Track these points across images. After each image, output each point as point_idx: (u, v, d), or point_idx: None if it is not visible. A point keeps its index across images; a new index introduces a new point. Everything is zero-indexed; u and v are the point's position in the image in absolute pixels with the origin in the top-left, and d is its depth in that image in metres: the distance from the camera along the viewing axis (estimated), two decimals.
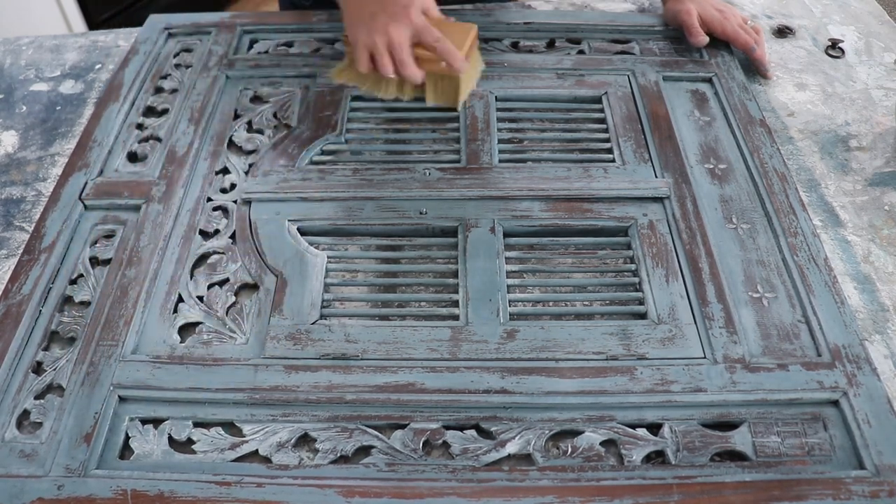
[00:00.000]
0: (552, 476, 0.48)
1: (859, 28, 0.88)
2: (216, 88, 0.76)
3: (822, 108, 0.77)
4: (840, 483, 0.47)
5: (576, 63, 0.79)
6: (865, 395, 0.51)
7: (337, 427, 0.51)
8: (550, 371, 0.53)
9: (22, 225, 0.67)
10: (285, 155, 0.70)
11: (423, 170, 0.67)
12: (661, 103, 0.74)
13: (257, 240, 0.62)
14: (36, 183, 0.71)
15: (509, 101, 0.76)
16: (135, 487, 0.47)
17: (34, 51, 0.87)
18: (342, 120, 0.73)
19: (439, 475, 0.48)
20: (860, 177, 0.70)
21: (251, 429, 0.51)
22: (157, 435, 0.51)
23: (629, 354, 0.54)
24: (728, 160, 0.69)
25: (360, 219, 0.64)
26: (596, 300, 0.60)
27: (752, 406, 0.52)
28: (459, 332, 0.55)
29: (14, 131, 0.77)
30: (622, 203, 0.65)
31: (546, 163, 0.69)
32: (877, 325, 0.58)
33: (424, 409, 0.51)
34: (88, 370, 0.53)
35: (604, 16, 0.87)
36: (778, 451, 0.49)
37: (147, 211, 0.64)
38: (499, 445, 0.50)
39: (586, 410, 0.51)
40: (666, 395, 0.51)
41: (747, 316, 0.57)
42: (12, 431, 0.51)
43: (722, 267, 0.59)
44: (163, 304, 0.58)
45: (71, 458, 0.48)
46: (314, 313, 0.57)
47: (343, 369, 0.53)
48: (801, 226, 0.62)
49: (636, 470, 0.48)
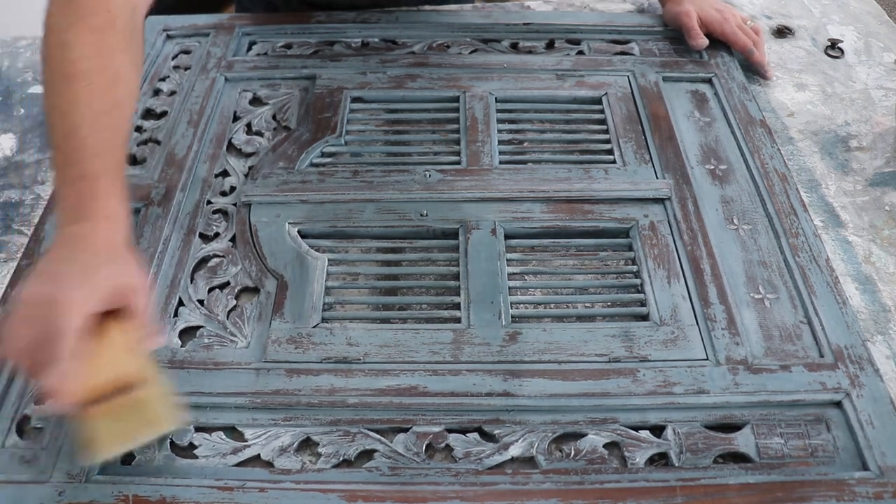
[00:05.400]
0: (555, 479, 0.48)
1: (858, 28, 0.88)
2: (215, 90, 0.76)
3: (821, 108, 0.77)
4: (843, 484, 0.47)
5: (575, 64, 0.79)
6: (868, 396, 0.51)
7: (339, 431, 0.51)
8: (553, 373, 0.53)
9: (21, 228, 0.66)
10: (285, 157, 0.69)
11: (424, 172, 0.67)
12: (661, 104, 0.74)
13: (257, 243, 0.62)
14: (34, 186, 0.71)
15: (509, 103, 0.75)
16: (136, 493, 0.47)
17: (32, 53, 0.87)
18: (342, 122, 0.73)
19: (442, 479, 0.48)
20: (860, 177, 0.70)
21: (253, 433, 0.51)
22: (158, 440, 0.50)
23: (631, 356, 0.54)
24: (728, 161, 0.69)
25: (360, 221, 0.64)
26: (598, 302, 0.59)
27: (754, 407, 0.52)
28: (461, 335, 0.55)
29: (12, 134, 0.76)
30: (623, 204, 0.65)
31: (546, 164, 0.69)
32: (878, 326, 0.58)
33: (427, 413, 0.51)
34: None
35: (603, 16, 0.87)
36: (781, 453, 0.49)
37: (146, 214, 0.64)
38: (502, 448, 0.50)
39: (589, 413, 0.51)
40: (669, 397, 0.51)
41: (749, 317, 0.56)
42: (13, 437, 0.50)
43: (723, 268, 0.59)
44: (163, 308, 0.57)
45: (72, 463, 0.48)
46: (315, 316, 0.57)
47: (345, 373, 0.53)
48: (802, 226, 0.62)
49: (639, 472, 0.48)
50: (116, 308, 0.47)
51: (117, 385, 0.46)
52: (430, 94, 0.76)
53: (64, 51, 0.50)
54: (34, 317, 0.45)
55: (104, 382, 0.45)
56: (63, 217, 0.49)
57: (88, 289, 0.45)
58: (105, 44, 0.51)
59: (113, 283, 0.46)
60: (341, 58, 0.80)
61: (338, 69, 0.78)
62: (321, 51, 0.82)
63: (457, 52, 0.81)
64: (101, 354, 0.46)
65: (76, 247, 0.48)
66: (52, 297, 0.44)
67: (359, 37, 0.83)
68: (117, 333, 0.47)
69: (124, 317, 0.48)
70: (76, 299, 0.44)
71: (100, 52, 0.51)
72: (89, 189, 0.49)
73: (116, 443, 0.46)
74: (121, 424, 0.46)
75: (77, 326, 0.44)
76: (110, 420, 0.46)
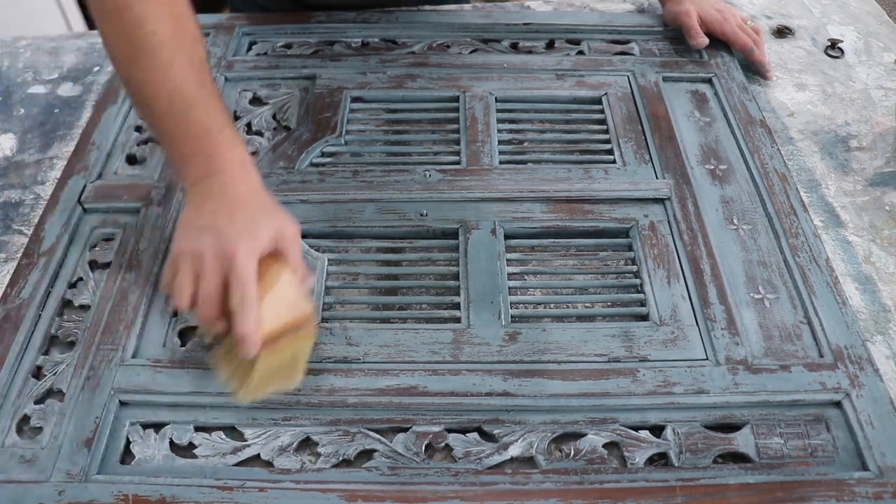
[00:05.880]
0: (555, 479, 0.48)
1: (858, 28, 0.88)
2: None
3: (821, 108, 0.77)
4: (843, 484, 0.47)
5: (575, 64, 0.79)
6: (868, 396, 0.51)
7: (339, 431, 0.51)
8: (552, 373, 0.53)
9: (21, 228, 0.66)
10: (285, 157, 0.69)
11: (424, 171, 0.67)
12: (661, 104, 0.74)
13: None
14: (34, 186, 0.71)
15: (509, 103, 0.75)
16: (136, 492, 0.47)
17: (32, 53, 0.87)
18: (342, 122, 0.73)
19: (442, 478, 0.48)
20: (860, 177, 0.70)
21: (253, 433, 0.51)
22: (158, 439, 0.50)
23: (631, 356, 0.54)
24: (728, 161, 0.69)
25: (360, 221, 0.64)
26: (597, 302, 0.59)
27: (754, 407, 0.52)
28: (461, 335, 0.55)
29: (12, 134, 0.76)
30: (623, 204, 0.65)
31: (546, 164, 0.69)
32: (878, 326, 0.58)
33: (427, 413, 0.51)
34: (89, 374, 0.53)
35: (603, 16, 0.87)
36: (781, 453, 0.49)
37: (146, 214, 0.64)
38: (501, 448, 0.50)
39: (589, 413, 0.51)
40: (668, 397, 0.51)
41: (749, 317, 0.56)
42: (12, 437, 0.50)
43: (723, 268, 0.59)
44: (163, 308, 0.57)
45: (72, 463, 0.48)
46: (315, 316, 0.57)
47: (344, 372, 0.53)
48: (802, 226, 0.62)
49: (639, 472, 0.48)
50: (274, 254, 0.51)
51: (288, 328, 0.50)
52: (430, 94, 0.76)
53: (140, 26, 0.51)
54: (208, 269, 0.49)
55: (280, 326, 0.49)
56: (194, 173, 0.53)
57: (253, 238, 0.50)
58: (174, 11, 0.53)
59: (273, 230, 0.51)
60: (341, 58, 0.80)
61: (338, 69, 0.78)
62: (321, 51, 0.82)
63: (457, 52, 0.81)
64: (272, 298, 0.49)
65: (222, 198, 0.52)
66: (223, 249, 0.49)
67: (359, 37, 0.83)
68: (283, 277, 0.50)
69: (281, 261, 0.51)
70: (247, 249, 0.49)
71: (173, 18, 0.53)
72: (216, 142, 0.53)
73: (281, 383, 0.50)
74: (287, 366, 0.50)
75: (254, 273, 0.48)
76: (280, 362, 0.50)
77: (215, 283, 0.49)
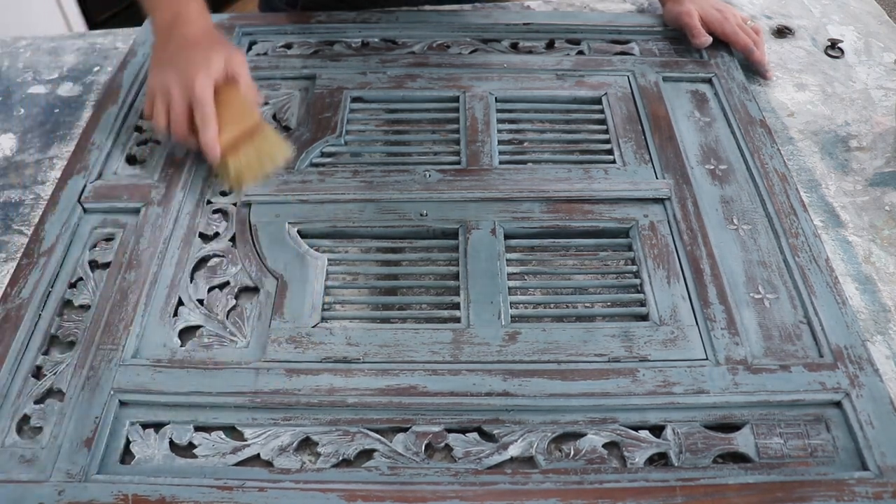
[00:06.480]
0: (555, 479, 0.48)
1: (858, 28, 0.88)
2: None
3: (821, 108, 0.77)
4: (843, 485, 0.47)
5: (575, 64, 0.79)
6: (868, 396, 0.51)
7: (339, 430, 0.51)
8: (552, 373, 0.53)
9: (21, 228, 0.67)
10: None
11: (424, 171, 0.67)
12: (661, 104, 0.74)
13: (257, 242, 0.62)
14: (34, 186, 0.71)
15: (509, 103, 0.75)
16: (136, 492, 0.47)
17: (32, 53, 0.87)
18: (342, 122, 0.73)
19: (441, 478, 0.48)
20: (860, 177, 0.70)
21: (252, 433, 0.51)
22: (158, 439, 0.50)
23: (631, 356, 0.54)
24: (728, 161, 0.69)
25: (360, 221, 0.64)
26: (597, 302, 0.59)
27: (754, 407, 0.52)
28: (461, 335, 0.55)
29: (12, 134, 0.76)
30: (623, 204, 0.65)
31: (546, 164, 0.69)
32: (878, 326, 0.58)
33: (426, 412, 0.51)
34: (88, 374, 0.53)
35: (603, 16, 0.87)
36: (781, 453, 0.49)
37: (146, 214, 0.64)
38: (501, 448, 0.50)
39: (588, 413, 0.51)
40: (668, 397, 0.51)
41: (749, 317, 0.56)
42: (12, 436, 0.50)
43: (723, 268, 0.59)
44: (163, 308, 0.58)
45: (72, 463, 0.48)
46: (315, 316, 0.57)
47: (344, 372, 0.53)
48: (802, 226, 0.62)
49: (639, 472, 0.48)
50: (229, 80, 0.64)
51: (244, 133, 0.63)
52: (430, 94, 0.76)
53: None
54: (175, 99, 0.63)
55: (237, 133, 0.63)
56: (159, 21, 0.68)
57: (207, 67, 0.63)
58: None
59: (223, 59, 0.64)
60: (341, 58, 0.80)
61: (338, 69, 0.78)
62: (321, 51, 0.82)
63: (457, 52, 0.81)
64: (227, 114, 0.63)
65: (181, 40, 0.65)
66: (184, 81, 0.62)
67: (359, 37, 0.83)
68: (234, 96, 0.64)
69: (234, 84, 0.65)
70: (203, 77, 0.62)
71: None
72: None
73: (255, 174, 0.65)
74: (255, 161, 0.64)
75: (212, 96, 0.62)
76: (246, 159, 0.64)
77: (182, 108, 0.63)
